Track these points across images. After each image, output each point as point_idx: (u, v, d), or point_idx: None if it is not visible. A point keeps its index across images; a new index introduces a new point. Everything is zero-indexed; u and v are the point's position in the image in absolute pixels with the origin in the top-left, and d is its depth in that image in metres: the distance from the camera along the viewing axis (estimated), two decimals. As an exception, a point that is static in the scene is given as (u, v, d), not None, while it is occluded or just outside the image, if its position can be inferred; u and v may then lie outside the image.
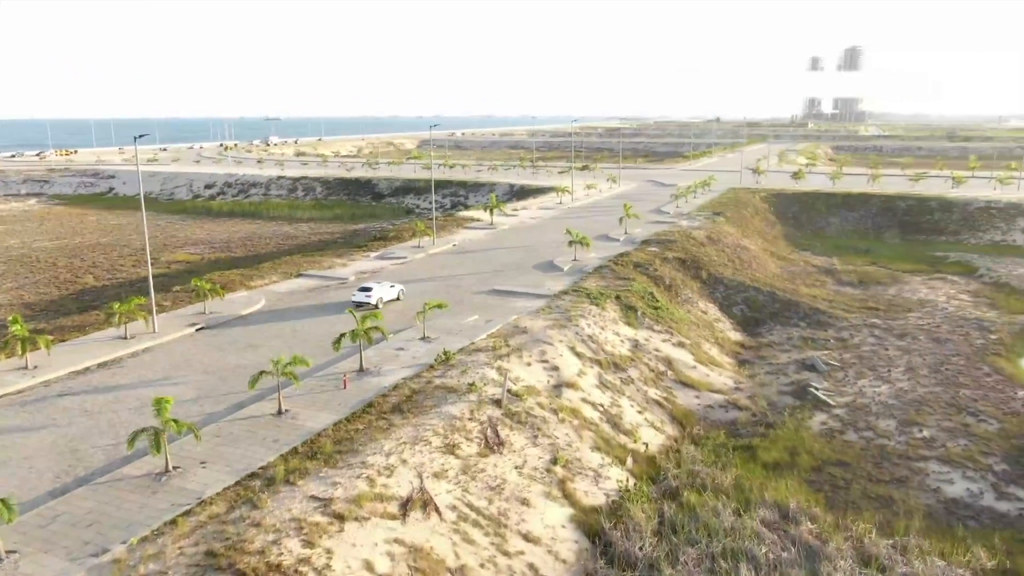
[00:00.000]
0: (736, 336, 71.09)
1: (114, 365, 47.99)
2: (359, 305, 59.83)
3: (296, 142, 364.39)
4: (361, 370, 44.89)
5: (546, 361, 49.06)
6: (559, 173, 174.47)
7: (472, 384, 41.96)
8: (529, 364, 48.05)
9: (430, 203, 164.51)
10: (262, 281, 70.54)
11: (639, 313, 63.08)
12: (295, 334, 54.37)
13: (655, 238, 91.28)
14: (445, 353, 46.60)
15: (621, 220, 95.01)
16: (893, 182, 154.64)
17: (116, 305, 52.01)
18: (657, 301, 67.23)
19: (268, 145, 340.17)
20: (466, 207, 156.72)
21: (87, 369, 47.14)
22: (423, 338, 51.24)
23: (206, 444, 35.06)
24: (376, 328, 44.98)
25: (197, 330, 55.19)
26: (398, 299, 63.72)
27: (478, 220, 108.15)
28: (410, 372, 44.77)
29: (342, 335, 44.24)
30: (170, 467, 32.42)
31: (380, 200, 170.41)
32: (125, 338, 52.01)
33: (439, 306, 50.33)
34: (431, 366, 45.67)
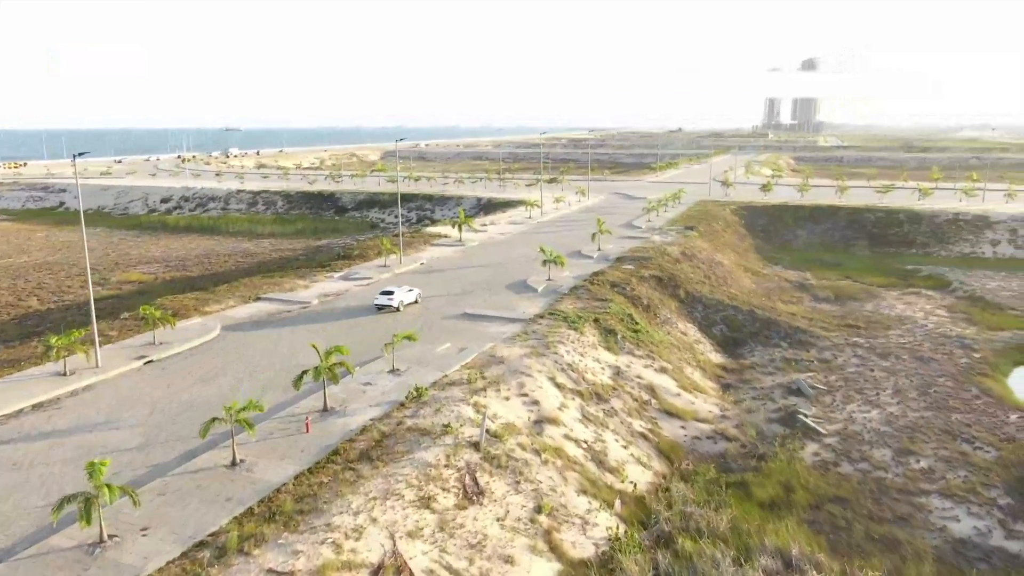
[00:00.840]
0: (718, 358, 68.62)
1: (51, 406, 43.54)
2: (381, 308, 64.19)
3: (258, 153, 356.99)
4: (325, 410, 41.13)
5: (525, 395, 45.81)
6: (527, 186, 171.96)
7: (447, 425, 38.50)
8: (507, 399, 44.75)
9: (395, 217, 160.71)
10: (218, 306, 66.20)
11: (619, 337, 60.19)
12: (253, 366, 50.34)
13: (629, 255, 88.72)
14: (417, 389, 43.06)
15: (594, 236, 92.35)
16: (860, 194, 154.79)
17: (54, 339, 47.51)
18: (636, 324, 64.44)
19: (228, 157, 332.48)
20: (432, 221, 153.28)
21: (20, 412, 42.66)
22: (392, 371, 47.62)
23: (149, 504, 31.07)
24: (341, 364, 41.31)
25: (145, 363, 50.85)
26: (416, 302, 67.01)
27: (446, 236, 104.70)
28: (379, 411, 41.13)
29: (304, 372, 40.45)
30: (105, 536, 28.41)
31: (344, 214, 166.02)
32: (64, 374, 47.51)
33: (408, 337, 46.78)
34: (402, 404, 42.07)
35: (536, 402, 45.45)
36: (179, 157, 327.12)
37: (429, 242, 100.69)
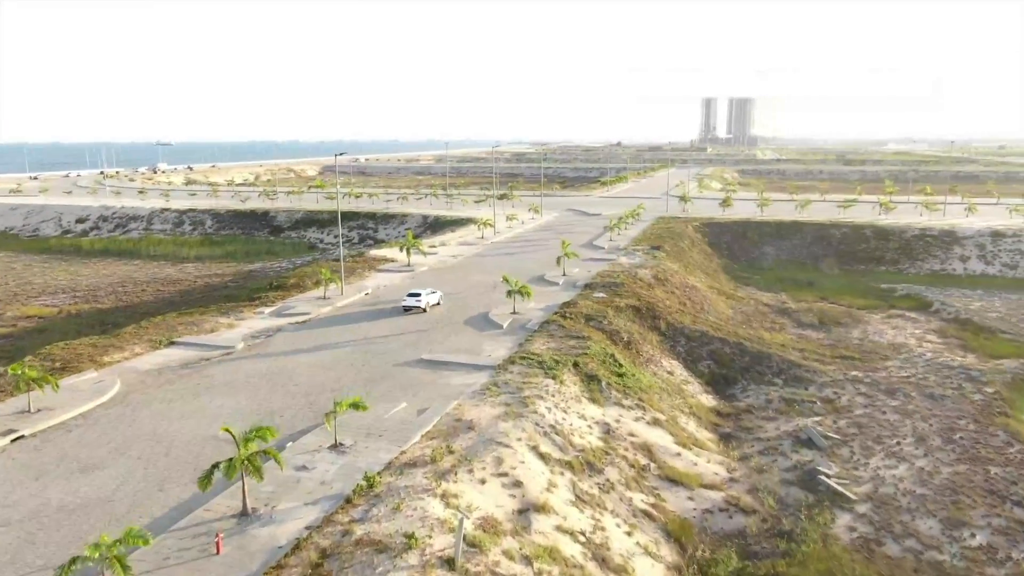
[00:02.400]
0: (709, 400, 60.33)
1: None
2: (408, 309, 67.02)
3: (190, 169, 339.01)
4: (244, 513, 30.88)
5: (504, 473, 36.37)
6: (475, 202, 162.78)
7: (411, 536, 28.73)
8: (483, 481, 35.26)
9: (335, 237, 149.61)
10: (120, 354, 54.87)
11: (603, 384, 51.28)
12: (154, 443, 39.64)
13: (599, 280, 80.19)
14: (367, 478, 33.20)
15: (559, 260, 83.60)
16: (820, 208, 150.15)
17: None
18: (620, 366, 55.65)
19: (155, 172, 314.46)
20: (376, 242, 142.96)
21: None
22: (334, 446, 37.59)
23: None
24: (265, 452, 31.22)
25: (13, 440, 39.68)
26: (439, 304, 69.75)
27: (392, 260, 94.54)
28: (317, 513, 31.10)
29: (214, 467, 30.19)
30: None
31: (279, 234, 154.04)
32: None
33: (355, 405, 36.83)
34: (348, 500, 32.10)
35: (519, 483, 36.05)
36: (102, 173, 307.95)
37: (374, 267, 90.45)
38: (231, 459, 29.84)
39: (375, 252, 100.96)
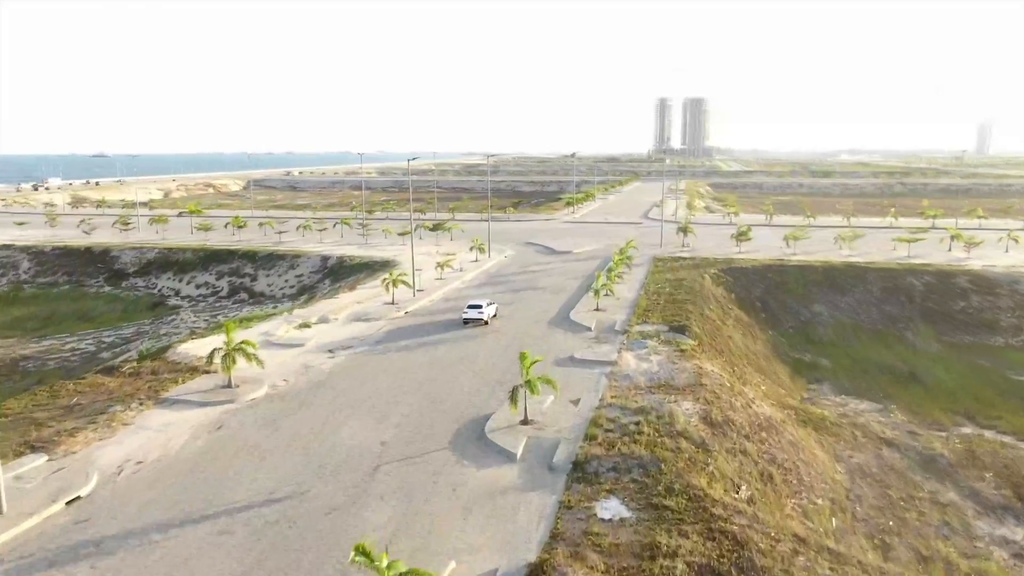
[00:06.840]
0: None
1: None
2: (468, 321, 62.86)
3: (97, 184, 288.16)
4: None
5: None
6: (400, 235, 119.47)
7: None
8: None
9: (198, 285, 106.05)
10: None
11: None
12: None
13: (601, 447, 37.43)
14: None
15: (514, 394, 40.86)
16: (868, 242, 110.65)
17: None
18: None
19: (38, 189, 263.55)
20: (252, 295, 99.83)
21: None
22: None
23: None
24: None
25: None
26: (495, 316, 64.88)
27: (206, 371, 50.86)
28: None
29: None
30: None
31: (120, 283, 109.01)
32: None
33: None
34: None
35: None
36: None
37: (160, 391, 46.90)
38: None
39: (185, 348, 56.74)
